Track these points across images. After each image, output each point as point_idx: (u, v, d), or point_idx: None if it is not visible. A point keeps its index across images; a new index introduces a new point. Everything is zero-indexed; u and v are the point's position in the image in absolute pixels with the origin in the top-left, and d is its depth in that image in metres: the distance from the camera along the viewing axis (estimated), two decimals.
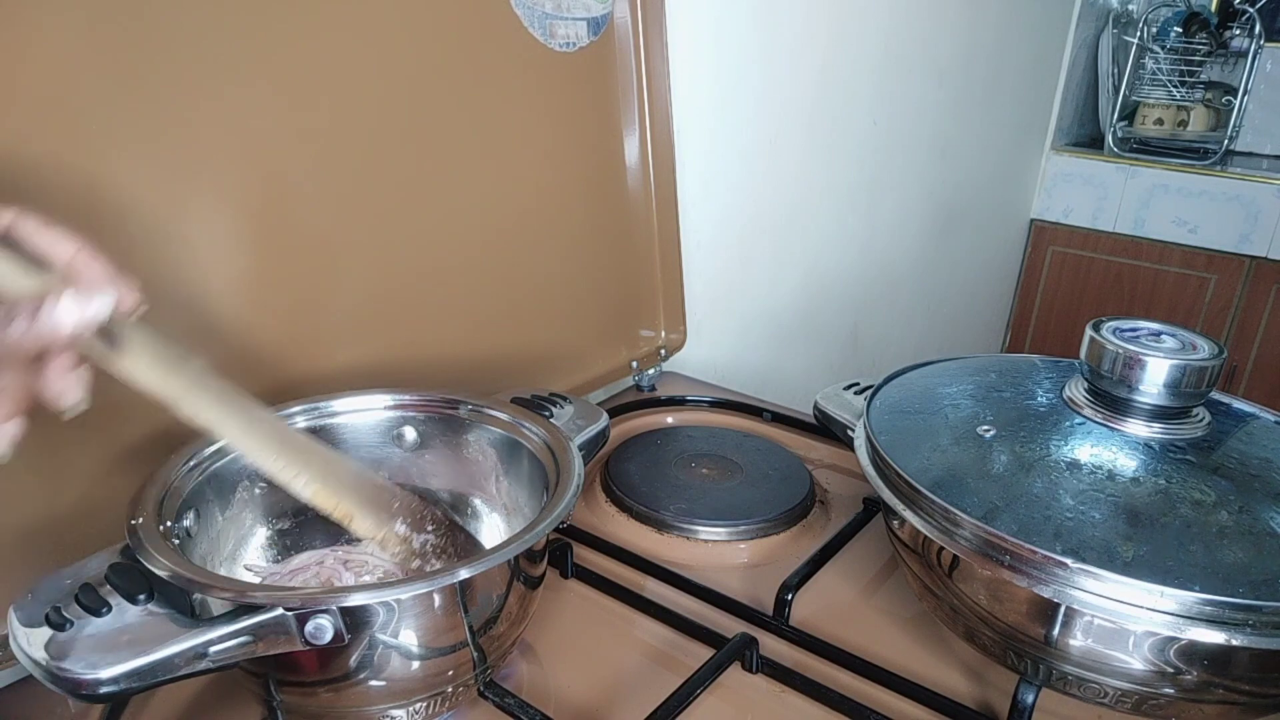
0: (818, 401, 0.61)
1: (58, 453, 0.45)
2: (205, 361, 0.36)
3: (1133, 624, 0.37)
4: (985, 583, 0.43)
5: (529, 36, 0.63)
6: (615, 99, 0.73)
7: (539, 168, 0.67)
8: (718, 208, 0.93)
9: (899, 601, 0.54)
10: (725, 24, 0.86)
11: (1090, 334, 0.47)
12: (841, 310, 1.25)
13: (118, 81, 0.44)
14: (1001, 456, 0.46)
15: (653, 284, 0.81)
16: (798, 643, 0.49)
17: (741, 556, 0.58)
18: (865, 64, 1.10)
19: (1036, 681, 0.42)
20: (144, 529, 0.37)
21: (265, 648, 0.34)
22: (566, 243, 0.71)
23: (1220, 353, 0.45)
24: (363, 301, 0.57)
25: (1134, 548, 0.39)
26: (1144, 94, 1.76)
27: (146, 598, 0.34)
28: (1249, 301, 1.65)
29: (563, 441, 0.48)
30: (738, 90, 0.91)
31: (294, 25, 0.50)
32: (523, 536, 0.39)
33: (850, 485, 0.67)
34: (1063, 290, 1.84)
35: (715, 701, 0.45)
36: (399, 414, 0.51)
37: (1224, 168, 1.64)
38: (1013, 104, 1.56)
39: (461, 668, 0.40)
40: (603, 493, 0.64)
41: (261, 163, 0.50)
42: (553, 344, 0.72)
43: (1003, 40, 1.42)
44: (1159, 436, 0.45)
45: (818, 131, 1.06)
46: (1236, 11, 1.70)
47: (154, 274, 0.47)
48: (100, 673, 0.31)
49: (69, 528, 0.45)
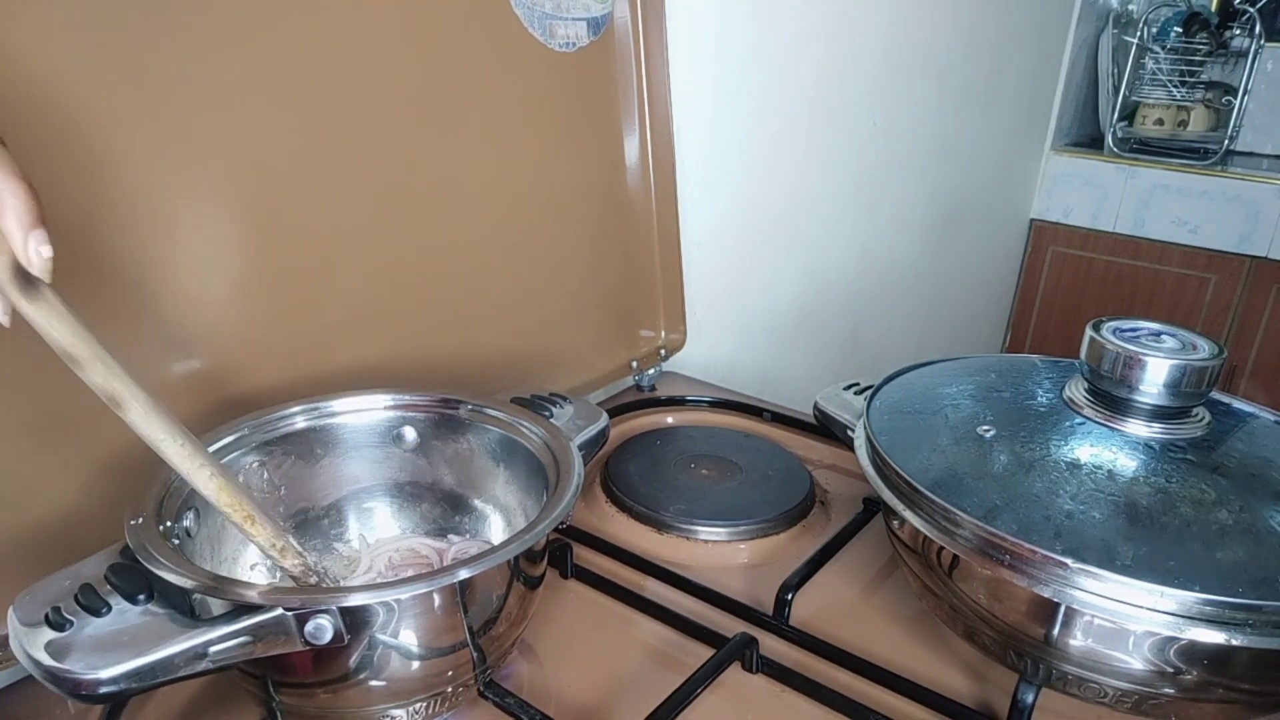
0: (818, 401, 0.61)
1: (57, 452, 0.45)
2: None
3: (1133, 624, 0.37)
4: (985, 582, 0.43)
5: (529, 37, 0.63)
6: (615, 99, 0.73)
7: (539, 168, 0.67)
8: (718, 208, 0.93)
9: (899, 601, 0.54)
10: (725, 24, 0.86)
11: (1090, 334, 0.47)
12: (841, 310, 1.25)
13: (115, 82, 0.44)
14: (1001, 456, 0.46)
15: (653, 284, 0.81)
16: (798, 643, 0.49)
17: (741, 556, 0.58)
18: (865, 64, 1.10)
19: (1036, 681, 0.42)
20: (144, 529, 0.37)
21: (265, 648, 0.34)
22: (566, 243, 0.71)
23: (1220, 353, 0.45)
24: (363, 301, 0.57)
25: (1134, 548, 0.39)
26: (1144, 94, 1.76)
27: (146, 598, 0.34)
28: (1249, 301, 1.65)
29: (563, 441, 0.48)
30: (738, 90, 0.91)
31: (293, 26, 0.50)
32: (523, 536, 0.39)
33: (850, 485, 0.67)
34: (1063, 290, 1.84)
35: (715, 701, 0.45)
36: (399, 414, 0.51)
37: (1224, 168, 1.64)
38: (1013, 104, 1.56)
39: (461, 668, 0.40)
40: (603, 493, 0.64)
41: (261, 163, 0.50)
42: (553, 344, 0.72)
43: (1002, 40, 1.42)
44: (1159, 436, 0.45)
45: (818, 132, 1.06)
46: (1236, 11, 1.70)
47: (154, 274, 0.47)
48: (100, 673, 0.31)
49: (68, 528, 0.45)
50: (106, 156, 0.44)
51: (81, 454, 0.46)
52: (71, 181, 0.43)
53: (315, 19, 0.51)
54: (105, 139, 0.44)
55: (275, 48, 0.49)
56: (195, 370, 0.50)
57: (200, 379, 0.50)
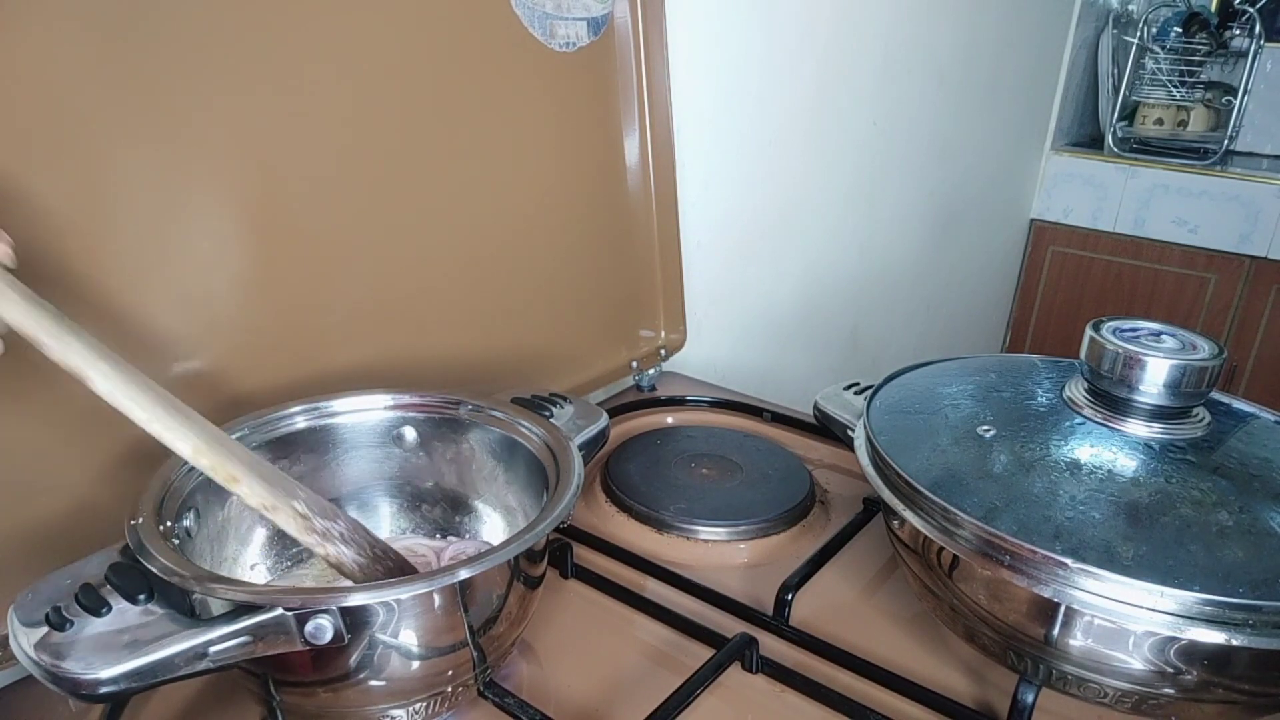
0: (818, 401, 0.61)
1: (57, 452, 0.45)
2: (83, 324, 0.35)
3: (1133, 624, 0.37)
4: (985, 583, 0.43)
5: (529, 37, 0.63)
6: (615, 99, 0.73)
7: (539, 168, 0.67)
8: (718, 208, 0.93)
9: (899, 601, 0.54)
10: (725, 24, 0.86)
11: (1090, 334, 0.47)
12: (841, 310, 1.25)
13: (118, 83, 0.44)
14: (1001, 456, 0.46)
15: (653, 284, 0.81)
16: (798, 643, 0.49)
17: (741, 556, 0.58)
18: (865, 64, 1.10)
19: (1036, 681, 0.42)
20: (144, 529, 0.37)
21: (265, 648, 0.34)
22: (566, 243, 0.71)
23: (1220, 353, 0.45)
24: (363, 301, 0.57)
25: (1134, 548, 0.39)
26: (1144, 94, 1.77)
27: (146, 598, 0.34)
28: (1249, 301, 1.65)
29: (563, 441, 0.48)
30: (738, 90, 0.91)
31: (294, 28, 0.50)
32: (523, 536, 0.39)
33: (850, 485, 0.67)
34: (1063, 290, 1.84)
35: (715, 701, 0.45)
36: (399, 414, 0.51)
37: (1224, 168, 1.64)
38: (1013, 104, 1.56)
39: (461, 668, 0.40)
40: (603, 493, 0.64)
41: (262, 164, 0.50)
42: (553, 344, 0.72)
43: (1003, 41, 1.42)
44: (1159, 436, 0.45)
45: (817, 132, 1.06)
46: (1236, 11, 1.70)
47: (154, 275, 0.47)
48: (100, 673, 0.31)
49: (68, 528, 0.45)
50: (107, 157, 0.44)
51: (82, 454, 0.46)
52: (71, 182, 0.43)
53: (317, 23, 0.51)
54: (105, 139, 0.44)
55: (274, 48, 0.49)
56: (195, 370, 0.50)
57: (200, 379, 0.50)
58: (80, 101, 0.43)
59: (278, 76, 0.50)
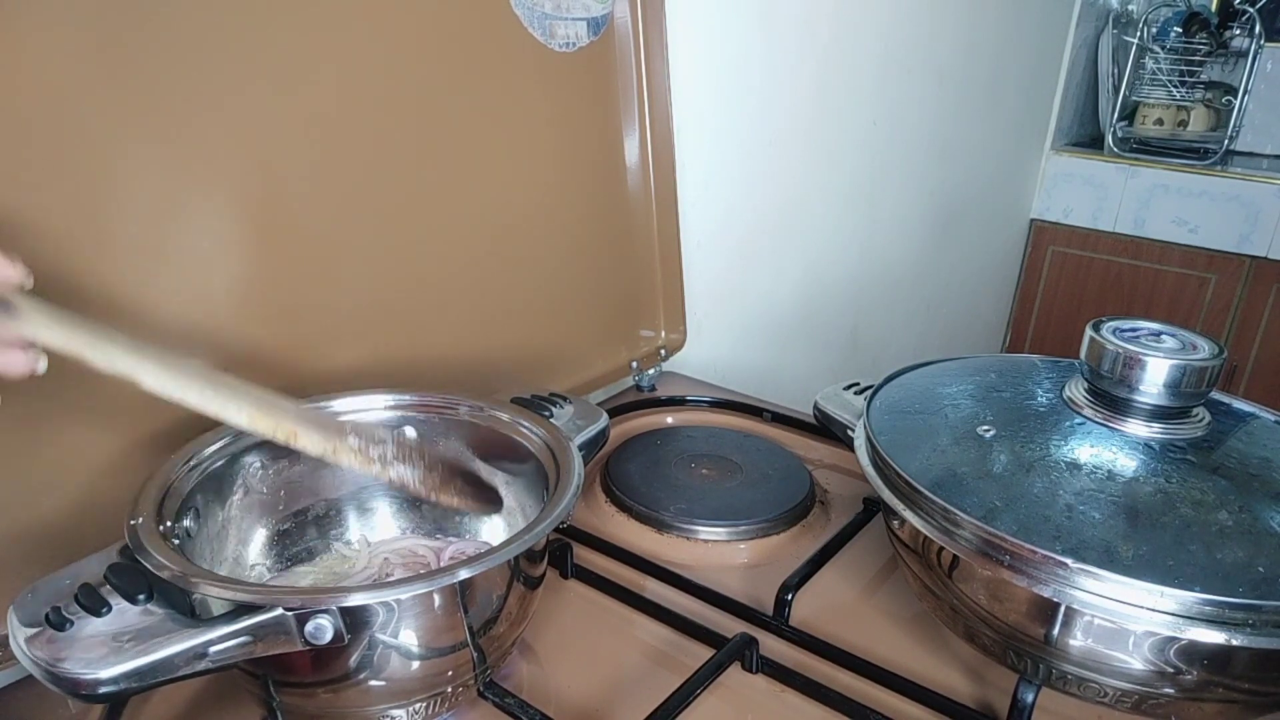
0: (818, 401, 0.61)
1: (57, 452, 0.45)
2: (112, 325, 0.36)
3: (1133, 624, 0.37)
4: (985, 583, 0.43)
5: (529, 36, 0.63)
6: (615, 99, 0.73)
7: (539, 168, 0.67)
8: (718, 208, 0.93)
9: (899, 601, 0.54)
10: (725, 24, 0.86)
11: (1090, 334, 0.47)
12: (841, 310, 1.25)
13: (118, 83, 0.43)
14: (1001, 456, 0.46)
15: (653, 284, 0.81)
16: (798, 643, 0.49)
17: (741, 556, 0.58)
18: (865, 64, 1.10)
19: (1036, 681, 0.42)
20: (144, 529, 0.37)
21: (265, 648, 0.34)
22: (566, 243, 0.71)
23: (1220, 353, 0.45)
24: (363, 301, 0.57)
25: (1134, 548, 0.39)
26: (1144, 94, 1.76)
27: (146, 598, 0.34)
28: (1249, 301, 1.65)
29: (563, 441, 0.48)
30: (738, 90, 0.91)
31: (294, 27, 0.50)
32: (523, 536, 0.39)
33: (850, 485, 0.67)
34: (1063, 290, 1.84)
35: (715, 701, 0.45)
36: (399, 414, 0.51)
37: (1224, 168, 1.64)
38: (1013, 104, 1.56)
39: (461, 668, 0.40)
40: (603, 493, 0.64)
41: (262, 164, 0.50)
42: (553, 344, 0.72)
43: (1003, 40, 1.42)
44: (1159, 436, 0.45)
45: (818, 131, 1.06)
46: (1236, 11, 1.70)
47: (155, 275, 0.47)
48: (100, 673, 0.31)
49: (69, 528, 0.45)
50: (107, 157, 0.44)
51: (82, 454, 0.45)
52: (72, 182, 0.43)
53: (317, 22, 0.51)
54: (106, 140, 0.44)
55: (275, 48, 0.49)
56: None
57: None
58: (80, 102, 0.43)
59: (278, 77, 0.50)
